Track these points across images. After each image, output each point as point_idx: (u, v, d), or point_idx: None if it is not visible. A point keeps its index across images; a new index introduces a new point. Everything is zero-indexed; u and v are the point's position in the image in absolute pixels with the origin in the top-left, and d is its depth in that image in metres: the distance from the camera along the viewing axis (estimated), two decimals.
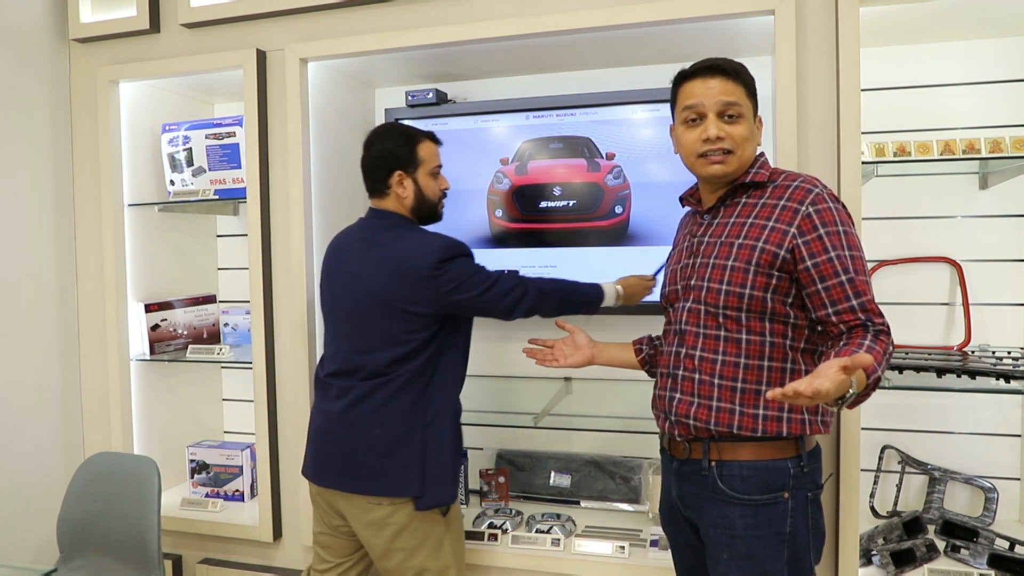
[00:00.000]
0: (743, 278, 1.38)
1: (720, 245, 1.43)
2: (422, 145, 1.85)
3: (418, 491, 1.73)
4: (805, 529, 1.41)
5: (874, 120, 2.07)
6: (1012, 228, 2.10)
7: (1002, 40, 2.07)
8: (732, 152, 1.42)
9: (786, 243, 1.36)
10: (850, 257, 1.34)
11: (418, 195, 1.85)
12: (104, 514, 2.06)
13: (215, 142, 2.44)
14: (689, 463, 1.46)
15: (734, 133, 1.41)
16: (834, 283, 1.34)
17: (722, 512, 1.41)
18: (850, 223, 1.39)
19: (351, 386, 1.78)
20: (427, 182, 1.85)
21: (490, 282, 1.76)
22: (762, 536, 1.39)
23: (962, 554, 1.88)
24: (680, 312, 1.49)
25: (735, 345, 1.40)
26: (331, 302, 1.89)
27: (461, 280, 1.73)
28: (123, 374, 2.44)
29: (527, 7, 2.05)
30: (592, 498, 2.35)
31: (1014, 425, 2.10)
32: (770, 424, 1.39)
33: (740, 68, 1.44)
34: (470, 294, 1.74)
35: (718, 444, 1.42)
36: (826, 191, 1.40)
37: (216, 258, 2.83)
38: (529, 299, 1.78)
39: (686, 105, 1.44)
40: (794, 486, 1.39)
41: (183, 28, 2.35)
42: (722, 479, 1.41)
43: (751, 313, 1.39)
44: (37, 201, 2.40)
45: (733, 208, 1.47)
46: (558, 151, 2.29)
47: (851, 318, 1.33)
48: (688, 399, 1.44)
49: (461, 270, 1.75)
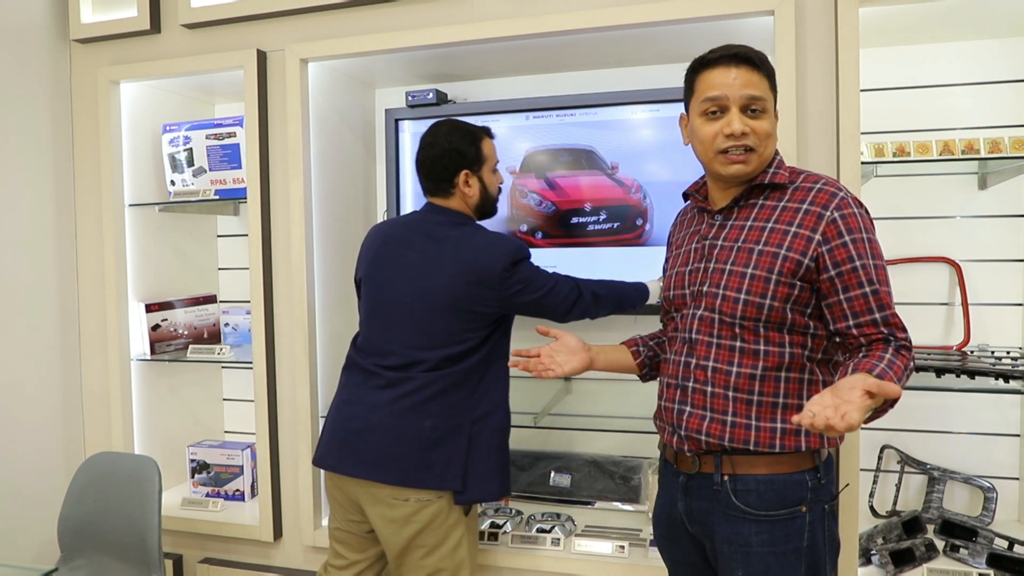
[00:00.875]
0: (763, 288, 1.30)
1: (737, 250, 1.35)
2: (485, 142, 1.85)
3: (460, 485, 1.75)
4: (823, 542, 1.35)
5: (873, 120, 2.08)
6: (1011, 228, 2.10)
7: (1001, 40, 2.07)
8: (754, 150, 1.32)
9: (811, 251, 1.29)
10: (874, 267, 1.28)
11: (483, 193, 1.85)
12: (105, 514, 2.07)
13: (215, 142, 2.45)
14: (698, 477, 1.39)
15: (758, 129, 1.32)
16: (857, 294, 1.27)
17: (736, 529, 1.34)
18: (873, 230, 1.32)
19: (406, 378, 1.77)
20: (490, 179, 1.87)
21: (550, 285, 1.79)
22: (780, 553, 1.32)
23: (961, 554, 1.89)
24: (689, 320, 1.40)
25: (752, 356, 1.33)
26: (378, 291, 1.86)
27: (527, 282, 1.77)
28: (124, 374, 2.44)
29: (527, 7, 2.05)
30: (592, 498, 2.35)
31: (1013, 425, 2.11)
32: (788, 439, 1.32)
33: (764, 57, 1.34)
34: (533, 296, 1.77)
35: (731, 458, 1.34)
36: (851, 195, 1.33)
37: (216, 258, 2.84)
38: (583, 303, 1.83)
39: (707, 96, 1.33)
40: (812, 499, 1.33)
41: (184, 28, 2.36)
42: (736, 494, 1.34)
43: (770, 324, 1.32)
44: (38, 201, 2.41)
45: (749, 210, 1.38)
46: (569, 164, 2.28)
47: (873, 331, 1.26)
48: (700, 412, 1.37)
49: (527, 272, 1.78)
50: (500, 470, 1.81)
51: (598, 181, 2.26)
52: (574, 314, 1.83)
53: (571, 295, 1.81)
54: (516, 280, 1.75)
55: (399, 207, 2.44)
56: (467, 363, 1.77)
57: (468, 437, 1.76)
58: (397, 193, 2.44)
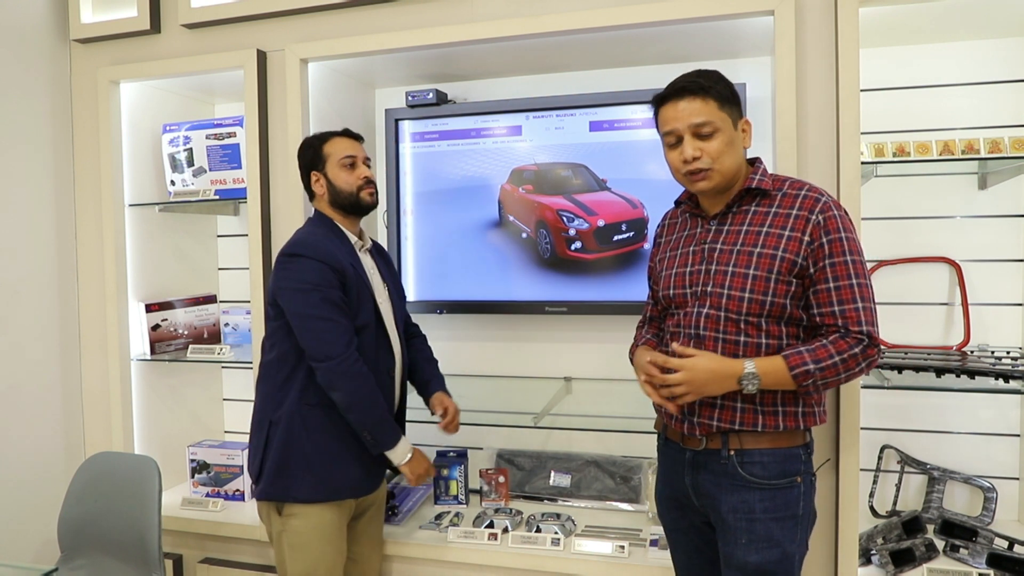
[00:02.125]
0: (765, 286, 1.44)
1: (737, 253, 1.48)
2: (329, 142, 1.91)
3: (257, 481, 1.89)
4: (810, 512, 1.52)
5: (873, 120, 2.08)
6: (1011, 228, 2.10)
7: (1001, 40, 2.07)
8: (711, 168, 1.47)
9: (802, 250, 1.44)
10: (846, 263, 1.42)
11: (330, 188, 1.90)
12: (105, 514, 2.07)
13: (215, 142, 2.45)
14: (706, 452, 1.52)
15: (708, 149, 1.46)
16: (822, 288, 1.43)
17: (742, 497, 1.47)
18: (852, 228, 1.46)
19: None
20: (335, 173, 1.89)
21: (311, 310, 1.73)
22: (780, 519, 1.46)
23: (961, 553, 1.89)
24: (695, 317, 1.51)
25: (754, 349, 1.47)
26: None
27: (283, 281, 1.78)
28: (124, 374, 2.44)
29: (527, 7, 2.05)
30: (592, 498, 2.35)
31: (1013, 425, 2.11)
32: (789, 420, 1.47)
33: (707, 84, 1.47)
34: (286, 302, 1.77)
35: (739, 435, 1.48)
36: (831, 199, 1.48)
37: (216, 258, 2.84)
38: (332, 365, 1.71)
39: (665, 131, 1.52)
40: (804, 471, 1.50)
41: (184, 28, 2.36)
42: (743, 466, 1.48)
43: (770, 318, 1.46)
44: (38, 201, 2.41)
45: (743, 215, 1.52)
46: (580, 187, 2.30)
47: (831, 322, 1.42)
48: (710, 402, 1.49)
49: (293, 271, 1.77)
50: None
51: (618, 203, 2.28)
52: (318, 366, 1.73)
53: (328, 340, 1.72)
54: (279, 272, 1.79)
55: (399, 207, 2.44)
56: (268, 356, 1.85)
57: (267, 434, 1.82)
58: (397, 193, 2.44)
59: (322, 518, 1.81)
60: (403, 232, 2.46)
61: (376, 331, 1.86)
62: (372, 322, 1.84)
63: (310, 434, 1.79)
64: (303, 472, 1.78)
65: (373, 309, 1.85)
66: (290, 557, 1.81)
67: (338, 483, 1.82)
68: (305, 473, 1.78)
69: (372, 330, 1.84)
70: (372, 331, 1.84)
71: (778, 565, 1.46)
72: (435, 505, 2.39)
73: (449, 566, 2.09)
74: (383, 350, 1.88)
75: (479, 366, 2.55)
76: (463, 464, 2.38)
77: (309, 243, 1.79)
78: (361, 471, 1.86)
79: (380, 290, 1.93)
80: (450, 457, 2.40)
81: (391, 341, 1.91)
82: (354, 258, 1.86)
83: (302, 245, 1.79)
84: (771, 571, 1.45)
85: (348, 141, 1.93)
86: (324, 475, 1.79)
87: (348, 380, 1.73)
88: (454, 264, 2.43)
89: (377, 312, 1.86)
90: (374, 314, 1.85)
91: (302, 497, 1.79)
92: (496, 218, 2.38)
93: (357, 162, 1.91)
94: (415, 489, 2.43)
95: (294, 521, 1.81)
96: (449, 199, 2.42)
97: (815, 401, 1.49)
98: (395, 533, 2.17)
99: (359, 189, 1.90)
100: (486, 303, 2.41)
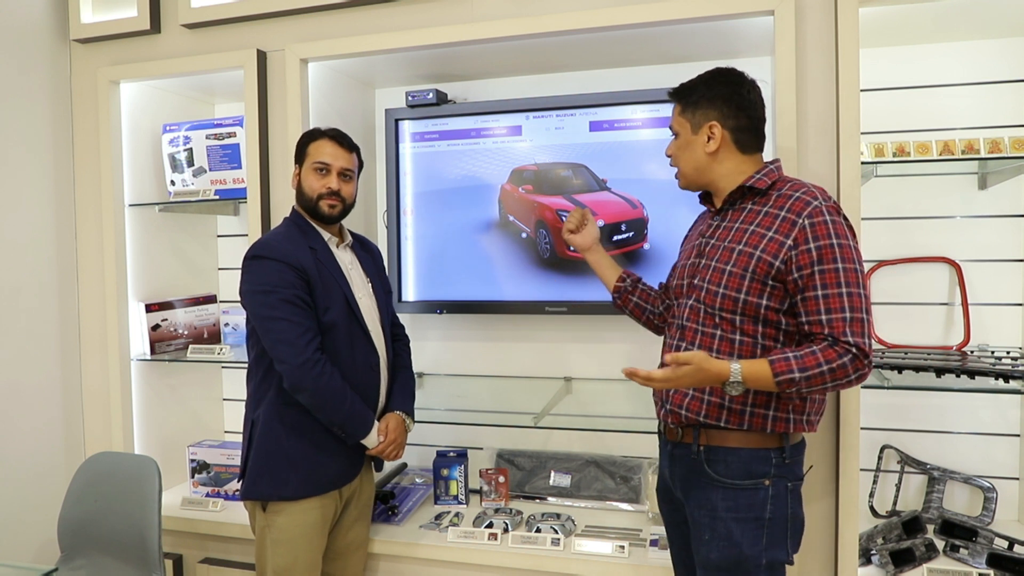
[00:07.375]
0: (739, 283, 1.44)
1: (723, 249, 1.50)
2: (313, 144, 1.89)
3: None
4: (784, 518, 1.47)
5: (874, 120, 2.08)
6: (1011, 228, 2.10)
7: (1001, 40, 2.07)
8: (678, 167, 1.59)
9: (782, 254, 1.41)
10: (837, 271, 1.37)
11: (299, 187, 1.90)
12: (105, 514, 2.07)
13: (215, 142, 2.45)
14: (681, 446, 1.55)
15: (669, 152, 1.61)
16: (810, 296, 1.38)
17: (706, 494, 1.49)
18: (847, 236, 1.40)
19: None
20: (305, 175, 1.89)
21: (269, 311, 1.72)
22: (742, 520, 1.45)
23: (961, 553, 1.89)
24: (683, 308, 1.56)
25: (728, 344, 1.47)
26: None
27: (244, 289, 1.79)
28: (124, 374, 2.44)
29: (527, 7, 2.05)
30: (592, 498, 2.35)
31: (1013, 425, 2.11)
32: (756, 420, 1.46)
33: (683, 89, 1.56)
34: (248, 307, 1.79)
35: (707, 431, 1.50)
36: (826, 204, 1.42)
37: (216, 258, 2.84)
38: (295, 369, 1.71)
39: None
40: (775, 475, 1.46)
41: (184, 28, 2.36)
42: (709, 463, 1.49)
43: (745, 316, 1.45)
44: (38, 201, 2.41)
45: (739, 213, 1.53)
46: (579, 187, 2.30)
47: (819, 331, 1.38)
48: (683, 390, 1.51)
49: (253, 273, 1.78)
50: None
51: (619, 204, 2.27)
52: (279, 364, 1.73)
53: (287, 340, 1.71)
54: (242, 276, 1.79)
55: (399, 207, 2.44)
56: (250, 357, 1.87)
57: (250, 433, 1.84)
58: (397, 193, 2.44)
59: (306, 515, 1.82)
60: (403, 232, 2.46)
61: (349, 327, 1.84)
62: (343, 319, 1.82)
63: (289, 432, 1.80)
64: (285, 470, 1.79)
65: (344, 305, 1.83)
66: (272, 552, 1.82)
67: (320, 478, 1.83)
68: (287, 471, 1.79)
69: (343, 327, 1.82)
70: (343, 328, 1.82)
71: (736, 566, 1.44)
72: (435, 505, 2.39)
73: (449, 566, 2.09)
74: (360, 346, 1.86)
75: (479, 366, 2.55)
76: (463, 464, 2.38)
77: (271, 244, 1.79)
78: (344, 462, 1.87)
79: (361, 285, 1.92)
80: (450, 457, 2.40)
81: (371, 336, 1.90)
82: (325, 254, 1.85)
83: (262, 246, 1.80)
84: (729, 570, 1.45)
85: (332, 147, 1.88)
86: (305, 471, 1.81)
87: (311, 380, 1.72)
88: (454, 264, 2.43)
89: (350, 308, 1.84)
90: (346, 310, 1.83)
91: (286, 495, 1.80)
92: (496, 218, 2.38)
93: (330, 170, 1.86)
94: (415, 489, 2.43)
95: (279, 518, 1.82)
96: (449, 199, 2.42)
97: (795, 408, 1.46)
98: (395, 533, 2.17)
99: (319, 198, 1.86)
100: (486, 303, 2.41)
